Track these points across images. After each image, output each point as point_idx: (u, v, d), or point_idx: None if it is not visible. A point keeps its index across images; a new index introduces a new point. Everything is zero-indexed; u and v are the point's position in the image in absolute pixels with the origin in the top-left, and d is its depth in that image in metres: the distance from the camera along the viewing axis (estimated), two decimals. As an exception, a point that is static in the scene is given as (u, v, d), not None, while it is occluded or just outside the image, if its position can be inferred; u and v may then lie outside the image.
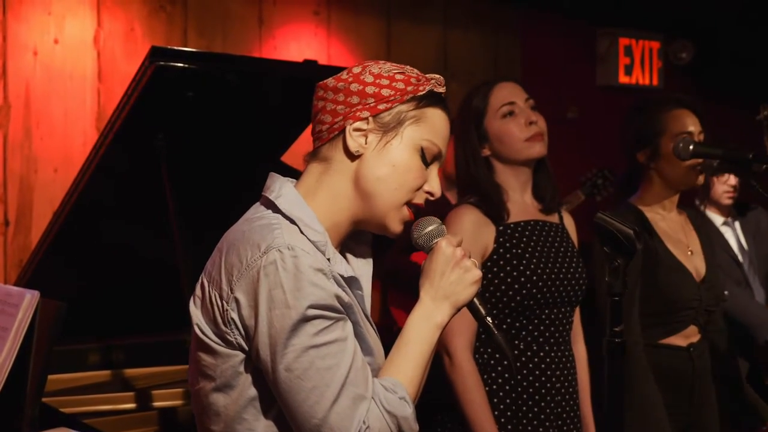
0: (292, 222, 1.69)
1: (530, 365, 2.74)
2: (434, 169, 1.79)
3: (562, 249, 2.84)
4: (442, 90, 1.78)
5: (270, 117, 2.87)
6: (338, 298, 1.65)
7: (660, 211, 3.14)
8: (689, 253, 3.12)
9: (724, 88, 6.89)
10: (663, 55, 7.09)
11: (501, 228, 2.77)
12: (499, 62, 6.37)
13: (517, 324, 2.74)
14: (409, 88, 1.74)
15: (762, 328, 4.00)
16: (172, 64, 2.49)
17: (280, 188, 1.75)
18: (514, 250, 2.75)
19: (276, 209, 1.72)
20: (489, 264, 2.73)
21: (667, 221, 3.14)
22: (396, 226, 1.77)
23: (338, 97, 1.74)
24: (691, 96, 3.19)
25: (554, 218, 2.91)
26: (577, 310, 2.93)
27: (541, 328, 2.75)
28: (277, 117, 2.88)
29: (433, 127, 1.76)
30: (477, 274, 1.76)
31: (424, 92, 1.75)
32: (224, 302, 1.64)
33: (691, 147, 2.86)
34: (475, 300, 1.78)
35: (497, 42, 6.41)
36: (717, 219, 4.33)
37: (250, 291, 1.61)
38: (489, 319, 1.79)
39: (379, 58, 5.77)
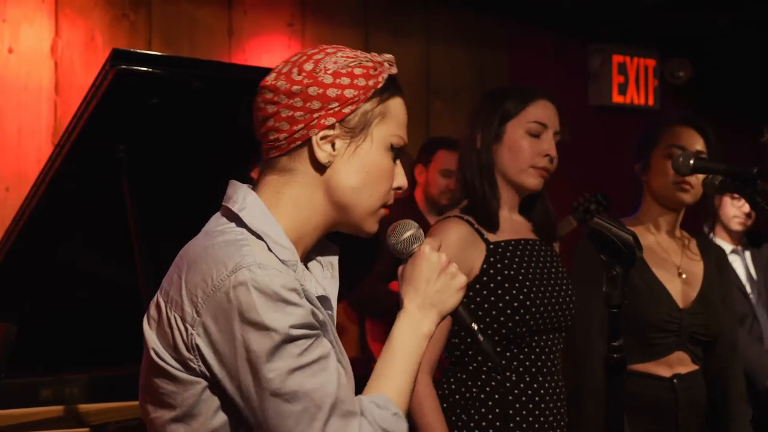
0: (259, 238, 1.66)
1: (523, 398, 2.71)
2: (399, 163, 1.79)
3: (554, 271, 2.84)
4: (395, 71, 1.76)
5: (241, 126, 2.83)
6: (314, 314, 1.63)
7: (652, 229, 3.21)
8: (681, 275, 3.13)
9: (723, 109, 6.91)
10: (659, 74, 7.12)
11: (492, 246, 2.74)
12: (485, 79, 6.37)
13: (509, 353, 2.71)
14: (371, 83, 1.71)
15: (762, 374, 3.99)
16: (135, 68, 2.44)
17: (244, 199, 1.72)
18: (505, 272, 2.73)
19: (240, 223, 1.69)
20: (477, 286, 2.71)
21: (660, 240, 3.17)
22: (374, 228, 1.78)
23: (294, 102, 1.70)
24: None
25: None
26: None
27: (532, 357, 2.73)
28: (249, 126, 2.84)
29: (397, 119, 1.76)
30: (462, 279, 1.79)
31: (384, 83, 1.73)
32: (188, 326, 1.60)
33: (691, 161, 2.87)
34: (460, 307, 1.80)
35: (483, 57, 6.41)
36: (726, 246, 4.32)
37: (219, 315, 1.58)
38: (475, 325, 1.82)
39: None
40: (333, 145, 1.70)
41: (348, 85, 1.69)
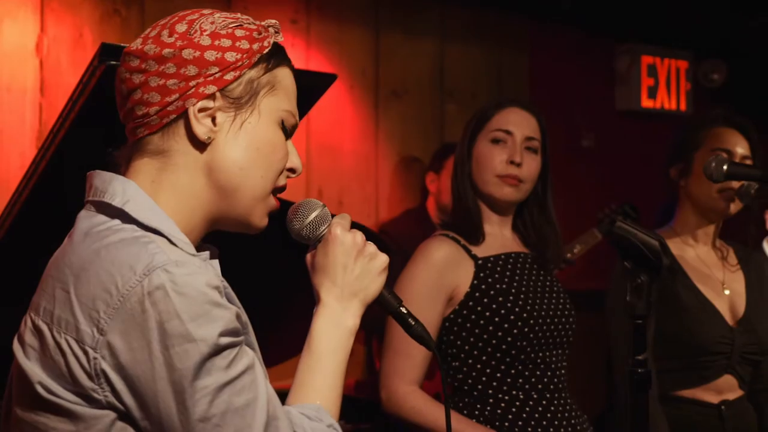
0: (157, 234, 1.54)
1: (536, 415, 2.77)
2: (291, 143, 1.71)
3: (548, 285, 2.91)
4: (281, 38, 1.68)
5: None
6: (238, 316, 1.53)
7: (691, 241, 3.16)
8: (724, 291, 3.11)
9: (761, 115, 6.89)
10: (692, 76, 7.10)
11: (480, 262, 2.82)
12: (504, 81, 6.37)
13: (513, 371, 2.77)
14: (255, 46, 1.62)
15: None
16: (125, 64, 2.44)
17: (124, 191, 1.58)
18: (497, 285, 2.80)
19: (128, 218, 1.56)
20: (470, 303, 2.79)
21: (699, 253, 3.15)
22: (263, 221, 1.69)
23: (166, 68, 1.56)
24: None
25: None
26: None
27: (538, 373, 2.79)
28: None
29: (287, 93, 1.68)
30: (383, 259, 1.72)
31: (270, 48, 1.64)
32: (89, 349, 1.45)
33: (725, 167, 2.85)
34: (384, 291, 1.75)
35: (501, 58, 6.41)
36: None
37: (131, 330, 1.44)
38: (403, 309, 1.76)
39: (366, 73, 5.81)
40: (214, 120, 1.59)
41: (229, 48, 1.59)
